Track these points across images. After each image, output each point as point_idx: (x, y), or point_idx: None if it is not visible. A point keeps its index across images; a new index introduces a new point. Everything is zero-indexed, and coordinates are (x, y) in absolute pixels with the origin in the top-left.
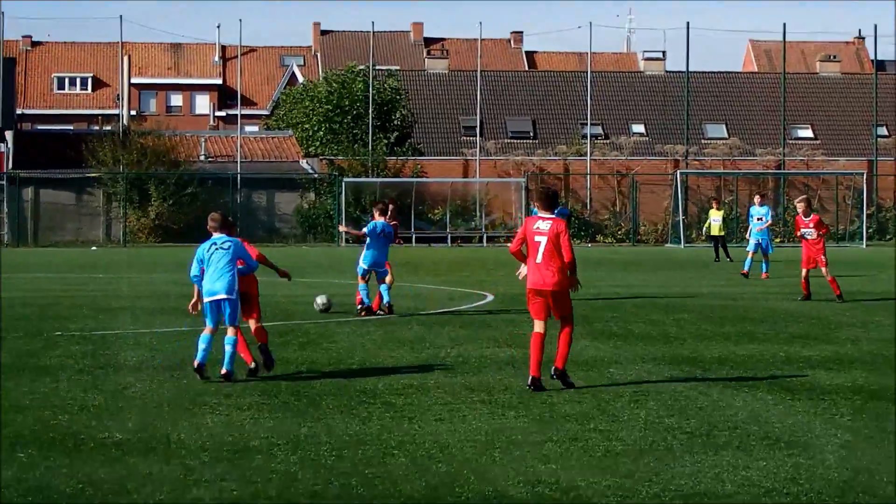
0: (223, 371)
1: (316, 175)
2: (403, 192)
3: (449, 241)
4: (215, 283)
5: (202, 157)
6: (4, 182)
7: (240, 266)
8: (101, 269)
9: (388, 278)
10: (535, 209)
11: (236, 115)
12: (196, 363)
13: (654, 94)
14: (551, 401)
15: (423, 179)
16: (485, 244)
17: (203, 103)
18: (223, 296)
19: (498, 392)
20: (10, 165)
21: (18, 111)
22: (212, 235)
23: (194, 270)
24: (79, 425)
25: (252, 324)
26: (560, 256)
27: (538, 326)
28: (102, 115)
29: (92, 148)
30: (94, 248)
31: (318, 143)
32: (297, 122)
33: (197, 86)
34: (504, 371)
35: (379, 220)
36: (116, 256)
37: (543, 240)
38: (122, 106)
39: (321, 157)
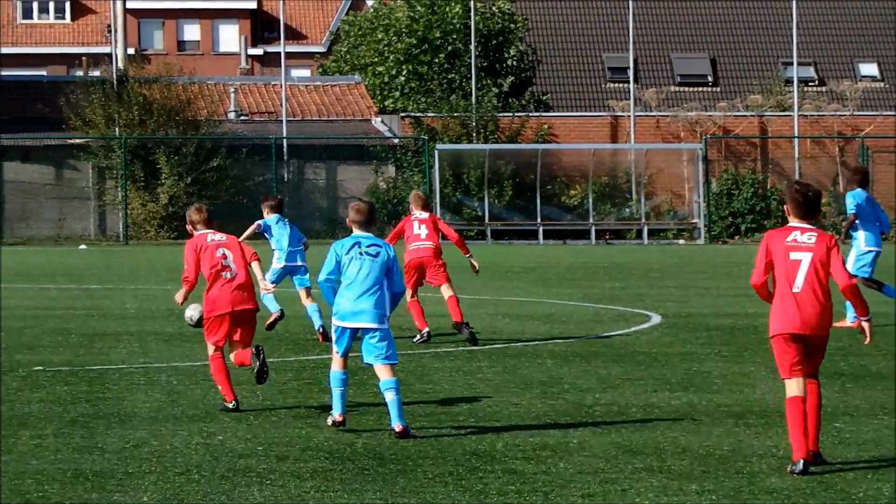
0: (398, 428)
1: (396, 140)
2: (524, 164)
3: (592, 235)
4: (358, 303)
5: (231, 115)
6: None
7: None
8: (95, 276)
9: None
10: (791, 218)
11: (278, 53)
12: (336, 417)
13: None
14: (749, 468)
15: (553, 146)
16: (645, 240)
17: (230, 36)
18: (369, 324)
19: (671, 456)
20: None
21: None
22: (353, 232)
23: (327, 274)
24: (73, 500)
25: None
26: (826, 285)
27: (795, 388)
28: (87, 54)
29: (75, 102)
30: (82, 246)
31: (397, 94)
32: (366, 63)
33: (221, 11)
34: (679, 426)
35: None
36: (115, 258)
37: (806, 259)
38: (116, 42)
39: (403, 115)
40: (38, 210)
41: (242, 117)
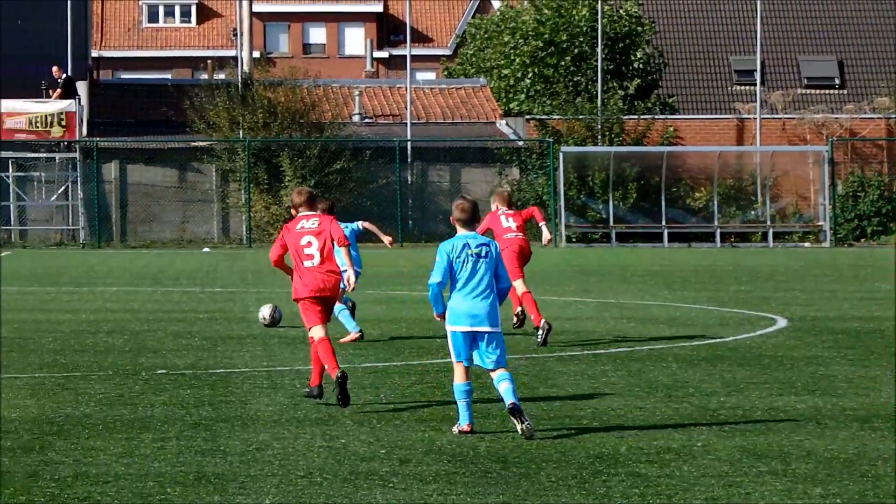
0: (525, 427)
1: (521, 142)
2: (649, 166)
3: (717, 238)
4: (475, 307)
5: (356, 118)
6: (77, 155)
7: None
8: (218, 279)
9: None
10: None
11: (404, 56)
12: (464, 427)
13: None
14: (874, 472)
15: (678, 148)
16: (770, 243)
17: (356, 40)
18: (487, 328)
19: (796, 460)
20: (85, 131)
21: (94, 54)
22: (458, 232)
23: (440, 277)
24: (195, 503)
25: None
26: None
27: None
28: (212, 57)
29: (199, 105)
30: (205, 249)
31: (522, 97)
32: (492, 66)
33: (347, 14)
34: (804, 430)
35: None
36: (238, 262)
37: None
38: (241, 45)
39: (528, 117)
40: (161, 213)
41: (367, 120)
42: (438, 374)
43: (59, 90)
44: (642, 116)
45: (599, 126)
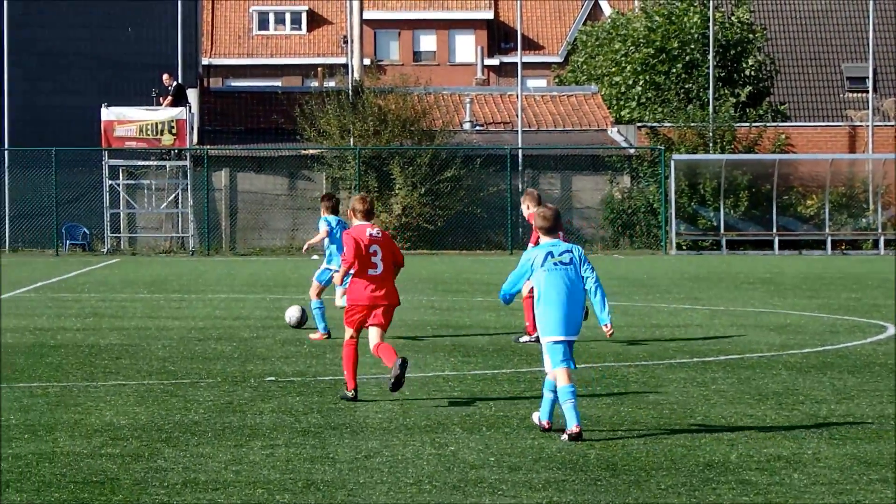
0: (576, 429)
1: (633, 150)
2: (760, 174)
3: (829, 246)
4: (570, 316)
5: (466, 126)
6: (187, 163)
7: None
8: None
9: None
10: None
11: (514, 63)
12: (573, 429)
13: None
14: None
15: (790, 156)
16: (881, 251)
17: (467, 47)
18: (573, 337)
19: None
20: (195, 139)
21: (205, 61)
22: (541, 240)
23: (513, 285)
24: None
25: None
26: None
27: None
28: (323, 65)
29: (309, 113)
30: (314, 256)
31: (633, 104)
32: (603, 73)
33: (458, 22)
34: None
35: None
36: None
37: None
38: (352, 52)
39: (639, 125)
40: (270, 220)
41: (478, 127)
42: None
43: (169, 98)
44: (754, 124)
45: (711, 134)
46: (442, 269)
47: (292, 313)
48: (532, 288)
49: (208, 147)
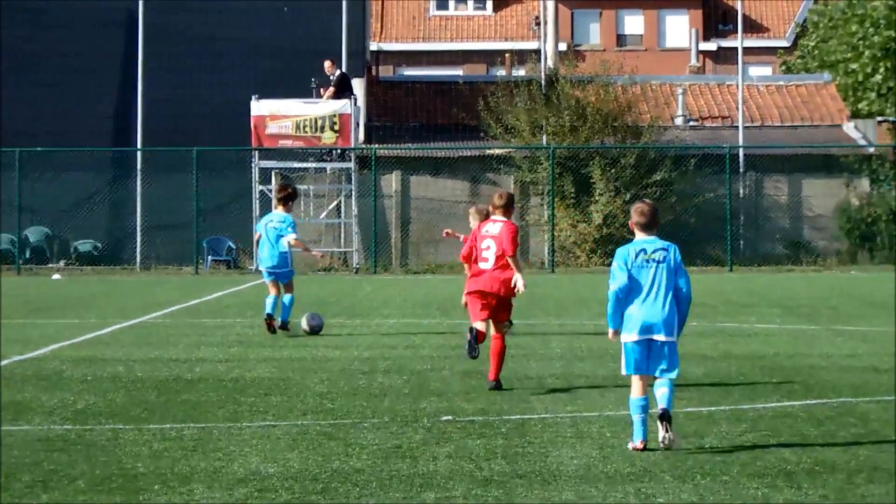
0: (638, 444)
1: (872, 149)
2: None
3: None
4: (651, 314)
5: (678, 121)
6: (351, 165)
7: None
8: (516, 309)
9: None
10: None
11: (735, 48)
12: (638, 444)
13: None
14: None
15: None
16: None
17: (679, 29)
18: (662, 337)
19: None
20: (361, 137)
21: (373, 47)
22: (636, 237)
23: (620, 286)
24: None
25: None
26: None
27: None
28: (511, 50)
29: (495, 107)
30: None
31: (873, 96)
32: (837, 59)
33: (669, 1)
34: None
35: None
36: (539, 288)
37: None
38: (545, 36)
39: (880, 119)
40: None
41: (691, 123)
42: (774, 420)
43: (331, 89)
44: None
45: None
46: None
47: (306, 322)
48: None
49: (376, 146)
